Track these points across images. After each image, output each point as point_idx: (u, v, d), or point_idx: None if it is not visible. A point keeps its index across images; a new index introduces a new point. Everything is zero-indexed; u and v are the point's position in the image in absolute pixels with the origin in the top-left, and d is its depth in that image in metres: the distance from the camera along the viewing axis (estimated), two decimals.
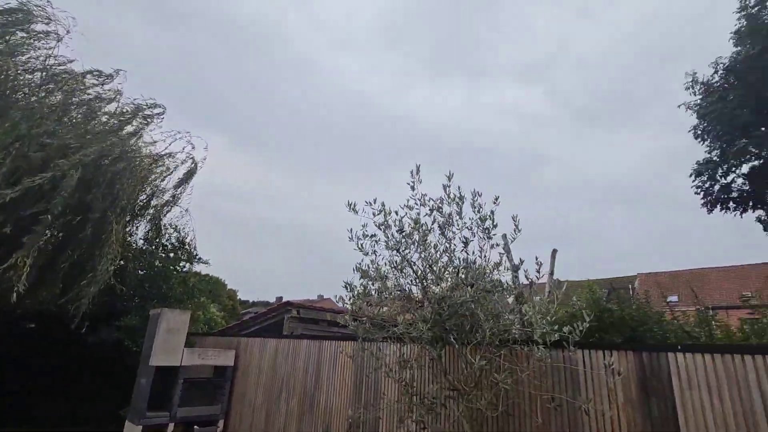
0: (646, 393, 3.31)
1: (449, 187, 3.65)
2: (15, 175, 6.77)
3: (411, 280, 3.60)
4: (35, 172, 6.79)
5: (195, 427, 7.06)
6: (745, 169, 10.88)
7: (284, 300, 9.01)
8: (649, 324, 12.35)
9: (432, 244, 3.76)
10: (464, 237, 3.62)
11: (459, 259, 3.61)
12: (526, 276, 12.87)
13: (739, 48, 10.32)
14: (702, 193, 11.37)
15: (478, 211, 3.62)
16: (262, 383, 6.97)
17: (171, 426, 6.78)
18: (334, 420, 5.38)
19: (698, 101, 11.13)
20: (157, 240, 11.62)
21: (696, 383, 3.12)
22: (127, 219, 10.35)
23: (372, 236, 3.64)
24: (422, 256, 3.56)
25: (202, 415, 7.20)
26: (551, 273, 21.59)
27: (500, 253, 3.74)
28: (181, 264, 11.20)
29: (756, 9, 9.99)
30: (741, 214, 11.01)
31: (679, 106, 11.60)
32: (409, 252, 3.61)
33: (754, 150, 10.35)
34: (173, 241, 11.54)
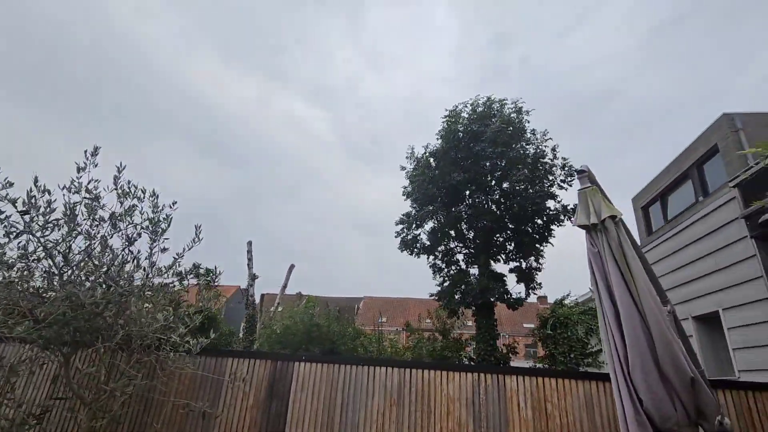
0: (270, 395, 3.91)
1: (119, 179, 3.43)
2: None
3: (46, 274, 3.13)
4: None
5: None
6: (428, 227, 14.92)
7: None
8: (345, 339, 14.54)
9: (96, 238, 3.40)
10: (128, 235, 3.45)
11: (112, 257, 3.38)
12: (251, 282, 12.89)
13: (439, 142, 14.35)
14: (399, 238, 14.82)
15: (154, 212, 3.54)
16: None
17: None
18: None
19: (410, 169, 14.70)
20: None
21: (305, 386, 3.92)
22: None
23: (23, 212, 2.98)
24: (66, 250, 3.16)
25: None
26: (285, 285, 22.29)
27: (174, 257, 3.73)
28: None
29: (450, 120, 14.27)
30: (418, 257, 14.94)
31: (401, 168, 14.97)
32: (58, 244, 3.14)
33: (432, 216, 14.39)
34: None
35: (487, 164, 13.67)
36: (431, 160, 14.34)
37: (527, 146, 14.14)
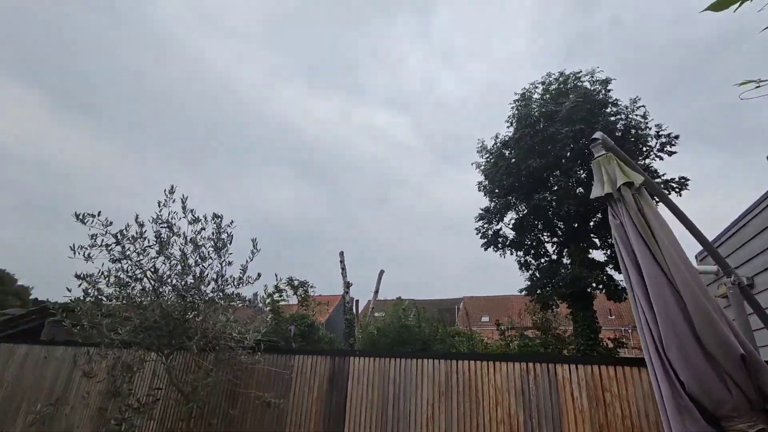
0: (331, 388, 4.30)
1: (186, 208, 4.16)
2: None
3: (143, 290, 3.95)
4: None
5: None
6: (510, 220, 14.29)
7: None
8: (435, 339, 14.72)
9: (180, 257, 4.17)
10: (201, 254, 4.15)
11: (190, 273, 4.10)
12: (346, 290, 13.83)
13: (511, 129, 13.72)
14: (480, 234, 14.45)
15: (217, 232, 4.21)
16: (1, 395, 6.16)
17: None
18: (65, 423, 5.19)
19: (483, 163, 14.29)
20: None
21: (361, 379, 4.22)
22: None
23: (109, 245, 3.87)
24: (156, 269, 3.95)
25: None
26: (376, 291, 23.28)
27: (240, 269, 4.35)
28: None
29: (521, 104, 13.55)
30: (504, 255, 14.38)
31: (472, 164, 14.67)
32: (148, 264, 3.96)
33: (513, 208, 13.77)
34: None
35: (570, 145, 12.68)
36: (504, 149, 13.78)
37: (613, 118, 12.78)
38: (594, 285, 11.39)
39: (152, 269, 3.93)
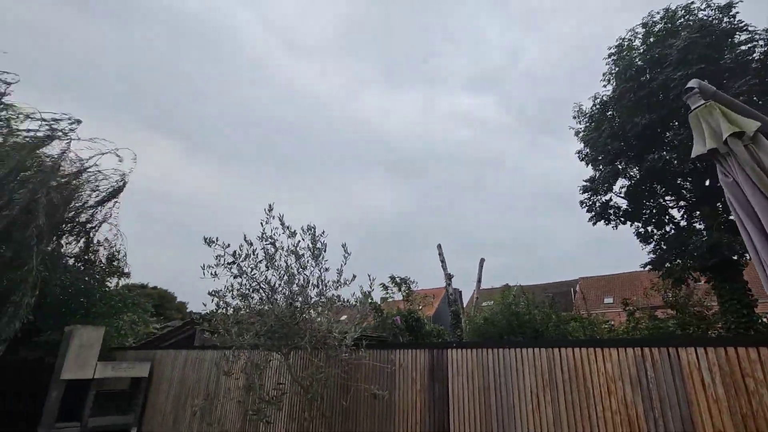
0: (432, 380, 4.42)
1: (284, 223, 4.65)
2: None
3: (260, 299, 4.54)
4: None
5: None
6: (622, 189, 12.73)
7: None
8: (549, 326, 13.93)
9: (284, 268, 4.71)
10: (301, 263, 4.60)
11: (294, 282, 4.57)
12: (448, 282, 13.81)
13: (609, 87, 12.18)
14: (587, 208, 13.14)
15: (312, 242, 4.63)
16: (173, 392, 7.61)
17: None
18: (221, 414, 6.19)
19: (581, 129, 12.95)
20: (86, 257, 11.89)
21: (461, 371, 4.25)
22: (53, 239, 10.58)
23: (230, 263, 4.54)
24: (267, 280, 4.51)
25: (115, 424, 7.73)
26: (479, 280, 22.83)
27: (337, 273, 4.71)
28: (108, 279, 11.53)
29: (619, 56, 11.91)
30: (616, 226, 12.87)
31: (570, 128, 13.41)
32: (260, 276, 4.55)
33: (623, 175, 12.21)
34: (102, 257, 11.85)
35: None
36: (604, 111, 12.30)
37: (745, 47, 10.54)
38: (740, 251, 9.52)
39: (265, 281, 4.50)
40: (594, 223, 13.17)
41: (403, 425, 4.44)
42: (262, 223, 4.72)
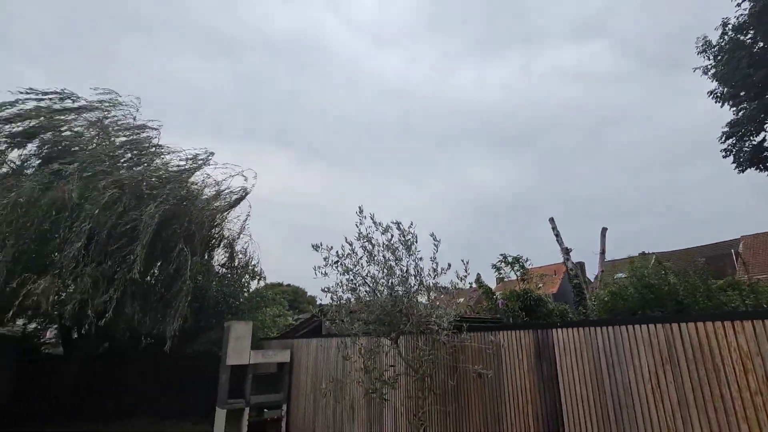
0: (539, 360, 4.39)
1: (375, 221, 5.03)
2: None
3: (366, 292, 5.03)
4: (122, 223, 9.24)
5: (265, 410, 9.11)
6: None
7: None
8: (699, 295, 12.28)
9: (383, 262, 5.14)
10: (396, 256, 4.95)
11: (393, 274, 4.94)
12: (566, 256, 13.16)
13: (744, 5, 9.89)
14: (732, 155, 10.97)
15: (403, 236, 4.93)
16: (310, 373, 8.79)
17: (247, 409, 8.88)
18: (349, 393, 6.97)
19: (712, 64, 10.80)
20: (230, 264, 14.29)
21: (568, 351, 4.15)
22: (203, 250, 12.98)
23: (336, 261, 5.13)
24: (371, 274, 4.98)
25: (270, 401, 9.24)
26: (602, 251, 21.12)
27: (431, 260, 4.97)
28: (245, 281, 13.68)
29: None
30: None
31: (694, 70, 11.31)
32: (363, 270, 5.05)
33: None
34: (241, 264, 14.10)
35: None
36: (740, 37, 10.09)
37: None
38: None
39: (368, 275, 4.98)
40: (741, 171, 10.98)
41: (513, 405, 4.52)
42: (357, 225, 5.20)
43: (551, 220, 19.68)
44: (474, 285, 16.11)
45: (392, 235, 5.06)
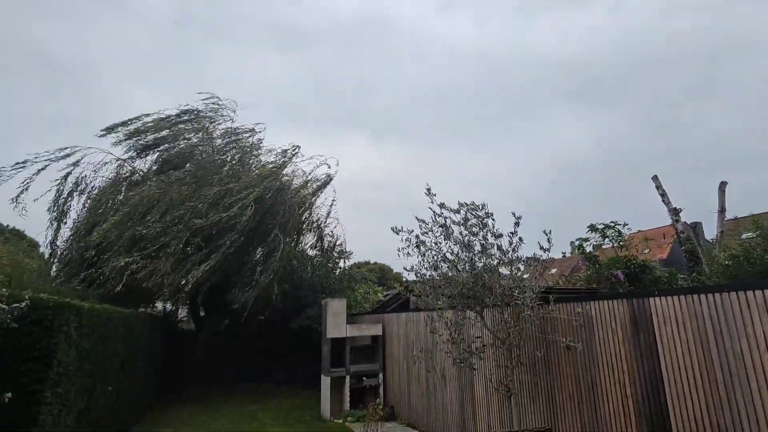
0: (636, 330, 4.23)
1: (443, 204, 5.12)
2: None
3: (448, 267, 5.22)
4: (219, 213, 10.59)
5: (363, 378, 9.93)
6: None
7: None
8: None
9: (460, 240, 5.28)
10: (472, 232, 5.03)
11: (471, 250, 5.04)
12: (674, 217, 12.01)
13: None
14: None
15: (479, 211, 4.99)
16: (401, 345, 9.34)
17: (347, 377, 9.77)
18: (439, 363, 7.30)
19: None
20: (320, 246, 15.49)
21: (668, 319, 3.94)
22: (295, 235, 14.30)
23: (416, 243, 5.38)
24: (452, 250, 5.16)
25: (367, 370, 10.03)
26: (722, 209, 18.92)
27: (509, 234, 4.97)
28: (335, 262, 14.74)
29: None
30: None
31: None
32: (443, 247, 5.24)
33: None
34: (329, 246, 15.22)
35: None
36: None
37: None
38: None
39: (448, 252, 5.17)
40: None
41: (608, 374, 4.43)
42: (429, 207, 5.37)
43: (655, 178, 17.66)
44: (568, 255, 15.27)
45: (467, 213, 5.14)
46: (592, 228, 16.03)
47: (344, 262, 15.12)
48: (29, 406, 4.07)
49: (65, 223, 11.04)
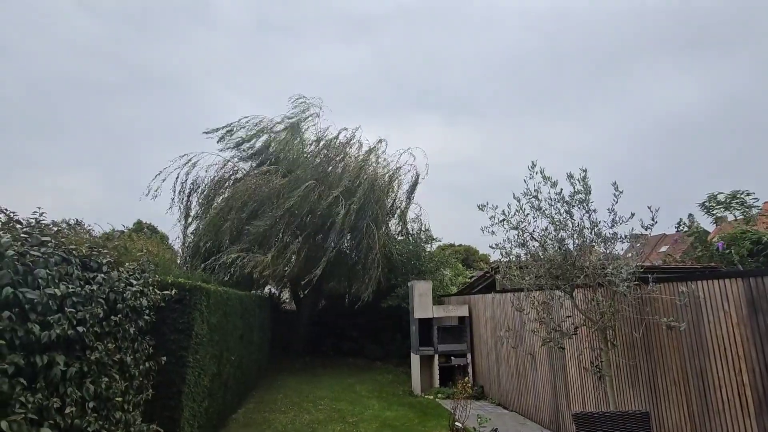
0: (755, 312, 3.81)
1: (546, 176, 4.99)
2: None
3: (535, 246, 5.15)
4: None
5: (452, 357, 10.18)
6: None
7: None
8: None
9: (552, 217, 5.17)
10: (567, 209, 4.88)
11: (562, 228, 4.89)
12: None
13: None
14: None
15: (574, 187, 4.81)
16: (488, 326, 9.38)
17: (436, 356, 10.11)
18: (528, 343, 7.21)
19: None
20: (406, 231, 15.95)
21: None
22: (385, 224, 14.96)
23: (502, 220, 5.38)
24: (540, 228, 5.08)
25: (455, 350, 10.26)
26: None
27: (608, 211, 4.74)
28: (425, 245, 15.07)
29: None
30: None
31: None
32: (531, 227, 5.19)
33: None
34: (414, 230, 15.59)
35: None
36: None
37: None
38: None
39: (537, 229, 5.12)
40: None
41: (721, 358, 4.06)
42: (525, 181, 5.30)
43: None
44: (679, 230, 13.66)
45: (561, 189, 4.99)
46: (714, 197, 13.90)
47: (430, 245, 15.46)
48: (178, 368, 5.05)
49: (189, 218, 12.98)
